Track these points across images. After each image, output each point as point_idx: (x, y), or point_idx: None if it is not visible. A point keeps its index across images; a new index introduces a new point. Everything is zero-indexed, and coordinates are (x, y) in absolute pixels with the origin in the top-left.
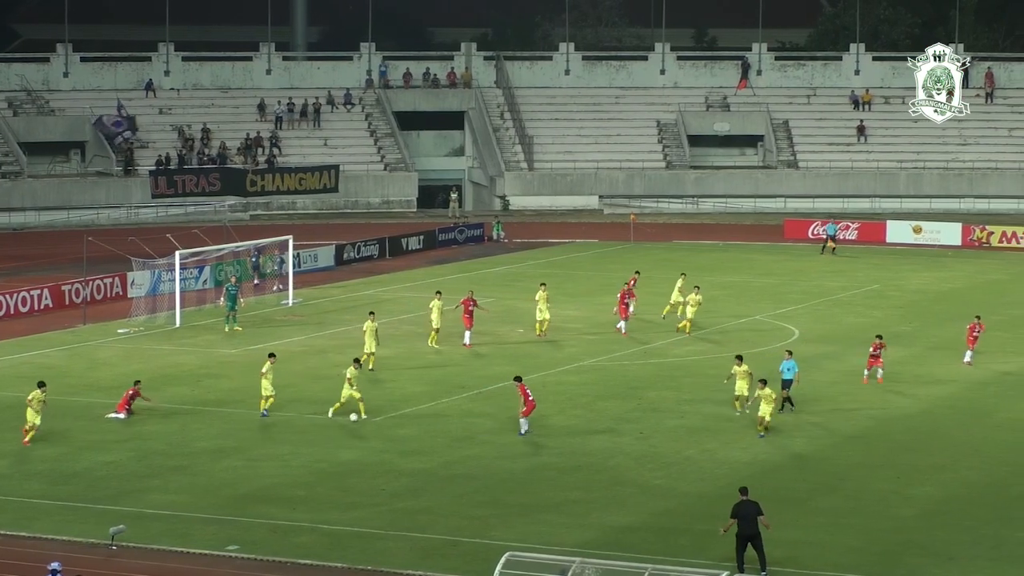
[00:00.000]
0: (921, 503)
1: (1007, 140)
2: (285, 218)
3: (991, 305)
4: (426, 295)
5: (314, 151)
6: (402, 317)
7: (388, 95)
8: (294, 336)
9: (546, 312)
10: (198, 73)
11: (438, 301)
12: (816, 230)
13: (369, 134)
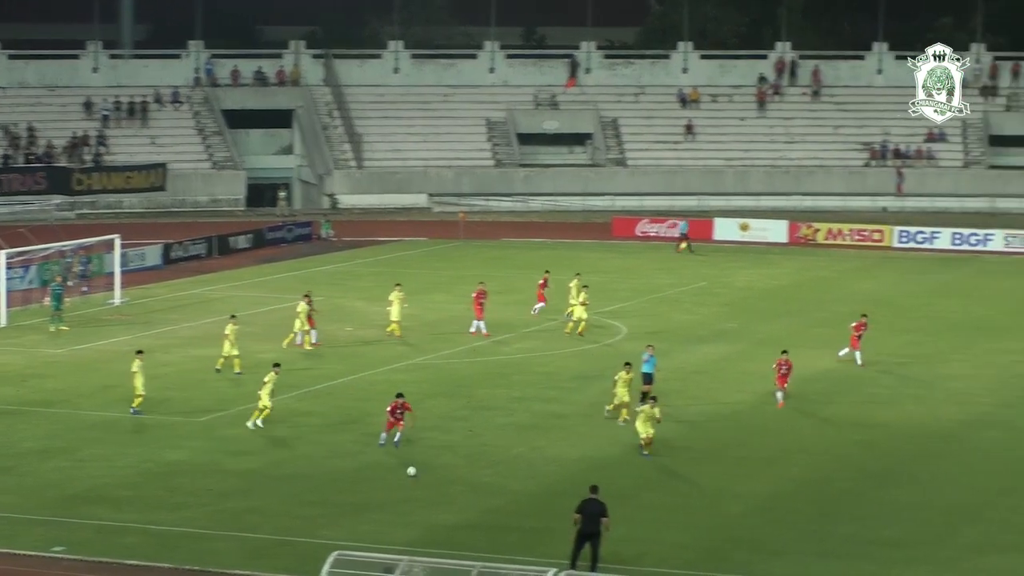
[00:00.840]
0: (748, 499)
1: (833, 137)
2: (112, 217)
3: (817, 302)
4: (254, 294)
5: (141, 150)
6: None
7: (216, 93)
8: (120, 336)
9: (398, 313)
10: (24, 71)
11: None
12: (645, 229)
13: (197, 132)
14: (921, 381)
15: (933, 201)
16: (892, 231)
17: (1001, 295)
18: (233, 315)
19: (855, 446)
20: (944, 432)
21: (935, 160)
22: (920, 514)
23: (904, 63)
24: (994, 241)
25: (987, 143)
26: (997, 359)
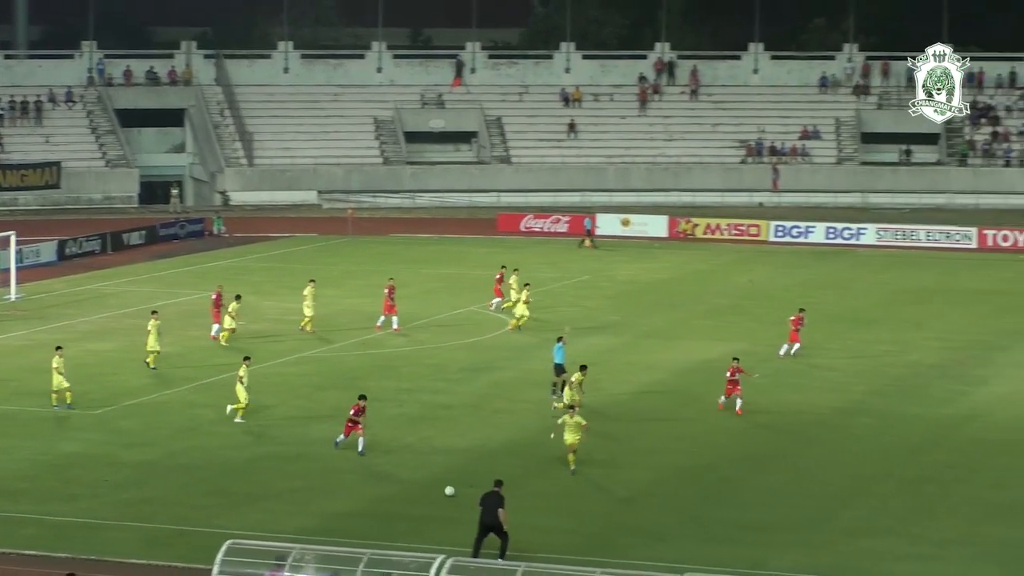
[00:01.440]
0: (632, 486)
1: (711, 135)
2: (7, 214)
3: (697, 295)
4: (148, 289)
5: (36, 148)
6: (124, 311)
7: (109, 93)
8: (16, 331)
9: (311, 308)
10: None
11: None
12: (529, 224)
13: (91, 131)
14: (797, 371)
15: (808, 196)
16: (768, 226)
17: (873, 288)
18: (154, 310)
19: (734, 434)
20: (819, 420)
21: (809, 157)
22: (797, 499)
23: (779, 63)
24: (867, 235)
25: (859, 140)
26: (870, 349)
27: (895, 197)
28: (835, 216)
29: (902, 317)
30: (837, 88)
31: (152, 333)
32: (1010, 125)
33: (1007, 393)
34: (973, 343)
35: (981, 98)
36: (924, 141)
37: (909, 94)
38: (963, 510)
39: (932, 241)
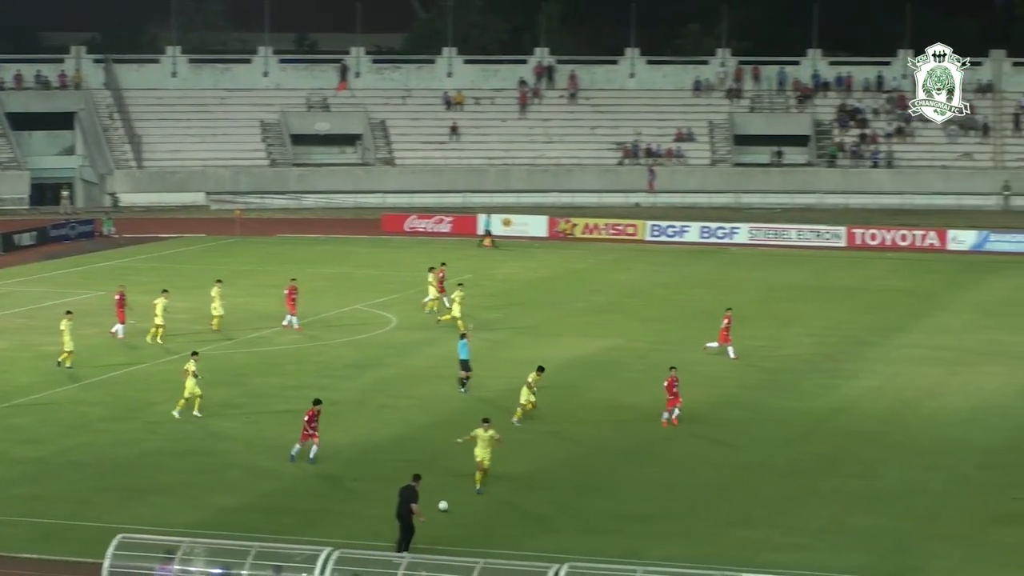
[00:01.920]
0: (512, 478)
1: (589, 137)
2: None
3: (576, 292)
4: (39, 289)
5: None
6: (15, 311)
7: (0, 97)
8: None
9: (219, 308)
10: None
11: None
12: (413, 225)
13: None
14: (672, 365)
15: (683, 197)
16: (645, 225)
17: (746, 285)
18: (68, 311)
19: (610, 427)
20: (693, 413)
21: (684, 158)
22: (673, 491)
23: (655, 67)
24: (739, 234)
25: (732, 142)
26: (742, 344)
27: (767, 197)
28: (709, 216)
29: (774, 314)
30: (710, 92)
31: (66, 333)
32: (877, 127)
33: (875, 386)
34: (843, 338)
35: (849, 101)
36: (795, 143)
37: (780, 97)
38: (834, 500)
39: (803, 240)
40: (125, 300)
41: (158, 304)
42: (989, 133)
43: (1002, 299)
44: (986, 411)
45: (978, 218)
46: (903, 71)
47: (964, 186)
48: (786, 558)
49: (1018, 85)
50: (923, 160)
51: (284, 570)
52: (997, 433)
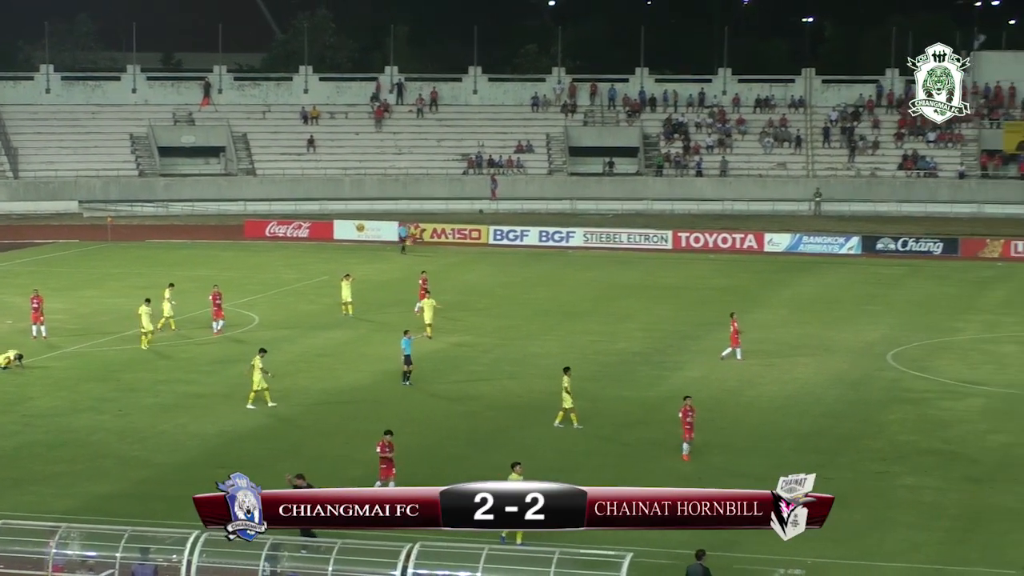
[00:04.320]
0: (368, 464)
1: (436, 149)
2: None
3: None
4: None
5: None
6: None
7: None
8: None
9: (169, 310)
10: None
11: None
12: (273, 230)
13: None
14: (515, 359)
15: (523, 204)
16: (488, 230)
17: (582, 284)
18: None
19: (461, 417)
20: (536, 403)
21: (524, 168)
22: None
23: (496, 84)
24: (575, 238)
25: (568, 153)
26: (579, 339)
27: (600, 204)
28: (547, 221)
29: (608, 310)
30: (548, 107)
31: None
32: (699, 140)
33: (700, 377)
34: (671, 333)
35: (674, 116)
36: (625, 154)
37: (611, 112)
38: (665, 481)
39: (633, 243)
40: (38, 303)
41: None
42: (801, 145)
43: (814, 296)
44: (799, 399)
45: (792, 222)
46: (723, 88)
47: (779, 193)
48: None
49: (827, 101)
50: (742, 169)
51: (148, 551)
52: (810, 419)
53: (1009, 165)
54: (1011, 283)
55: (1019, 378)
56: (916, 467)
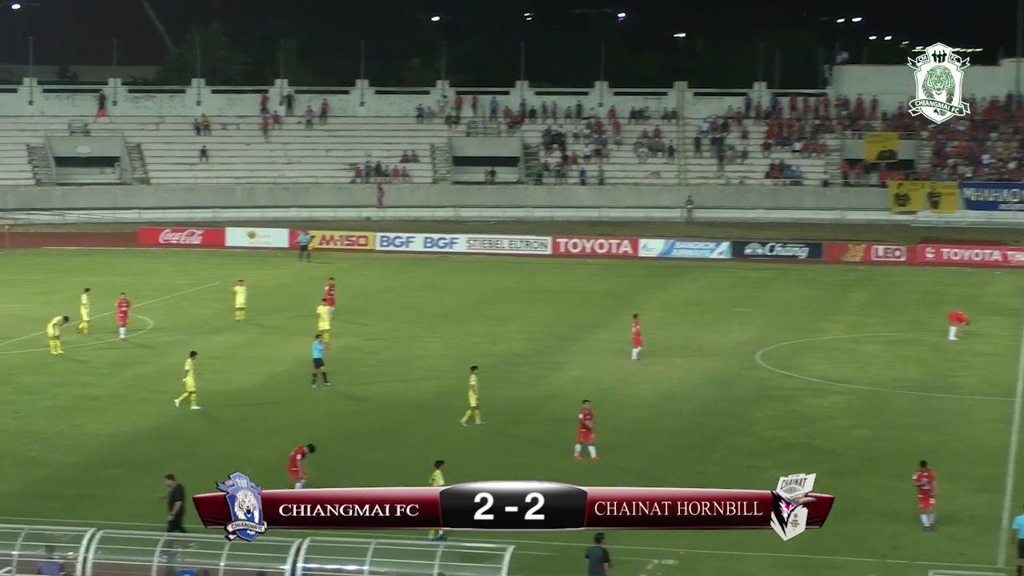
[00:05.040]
0: (259, 463)
1: (324, 159)
2: None
3: (314, 296)
4: None
5: None
6: None
7: None
8: None
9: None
10: None
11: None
12: (167, 238)
13: None
14: (401, 361)
15: (408, 211)
16: (375, 236)
17: (465, 288)
18: None
19: (348, 417)
20: (421, 402)
21: (409, 177)
22: (402, 471)
23: (382, 96)
24: (459, 244)
25: (451, 163)
26: (463, 341)
27: (482, 211)
28: (432, 228)
29: (490, 313)
30: (432, 118)
31: None
32: (577, 150)
33: (578, 376)
34: (550, 334)
35: (553, 127)
36: (506, 163)
37: (493, 123)
38: (548, 477)
39: (514, 248)
40: None
41: None
42: (674, 155)
43: (686, 299)
44: (672, 397)
45: (665, 229)
46: (599, 100)
47: (653, 201)
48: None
49: (698, 112)
50: (617, 178)
51: (53, 549)
52: (682, 416)
53: (870, 174)
54: (872, 286)
55: (880, 376)
56: (783, 461)
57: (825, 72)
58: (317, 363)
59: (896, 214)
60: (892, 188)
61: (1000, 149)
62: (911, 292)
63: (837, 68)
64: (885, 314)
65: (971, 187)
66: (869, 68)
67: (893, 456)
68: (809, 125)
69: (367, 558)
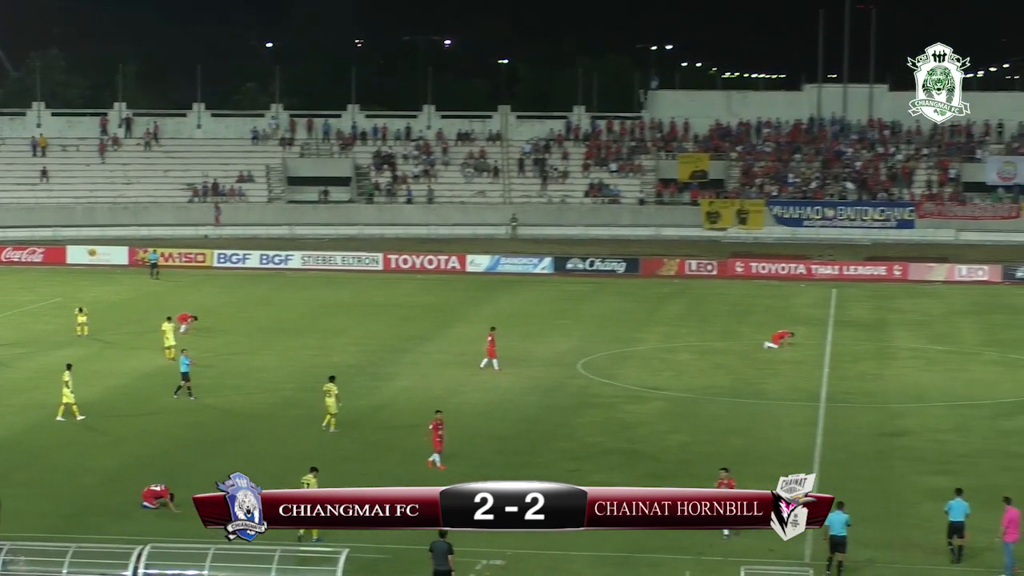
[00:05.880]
0: (100, 472)
1: (163, 179)
2: None
3: (154, 311)
4: None
5: None
6: None
7: None
8: None
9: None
10: None
11: None
12: (9, 256)
13: None
14: (238, 373)
15: (244, 229)
16: (212, 253)
17: (300, 303)
18: None
19: (188, 427)
20: (258, 412)
21: (245, 197)
22: None
23: (218, 119)
24: (293, 260)
25: (286, 183)
26: (298, 354)
27: (316, 229)
28: (267, 245)
29: (324, 327)
30: (267, 140)
31: None
32: (407, 170)
33: (409, 386)
34: (382, 346)
35: (384, 148)
36: (339, 183)
37: (326, 145)
38: (380, 482)
39: (347, 264)
40: None
41: None
42: (498, 175)
43: (512, 312)
44: (499, 405)
45: (491, 245)
46: (427, 123)
47: (479, 218)
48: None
49: (521, 135)
50: (445, 197)
51: None
52: (509, 423)
53: (683, 192)
54: (686, 298)
55: (694, 383)
56: (604, 465)
57: (640, 97)
58: (184, 376)
59: (707, 230)
60: (704, 206)
61: (803, 169)
62: (722, 304)
63: (651, 93)
64: (698, 325)
65: (777, 205)
66: (681, 93)
67: (708, 459)
68: (626, 147)
69: (207, 563)
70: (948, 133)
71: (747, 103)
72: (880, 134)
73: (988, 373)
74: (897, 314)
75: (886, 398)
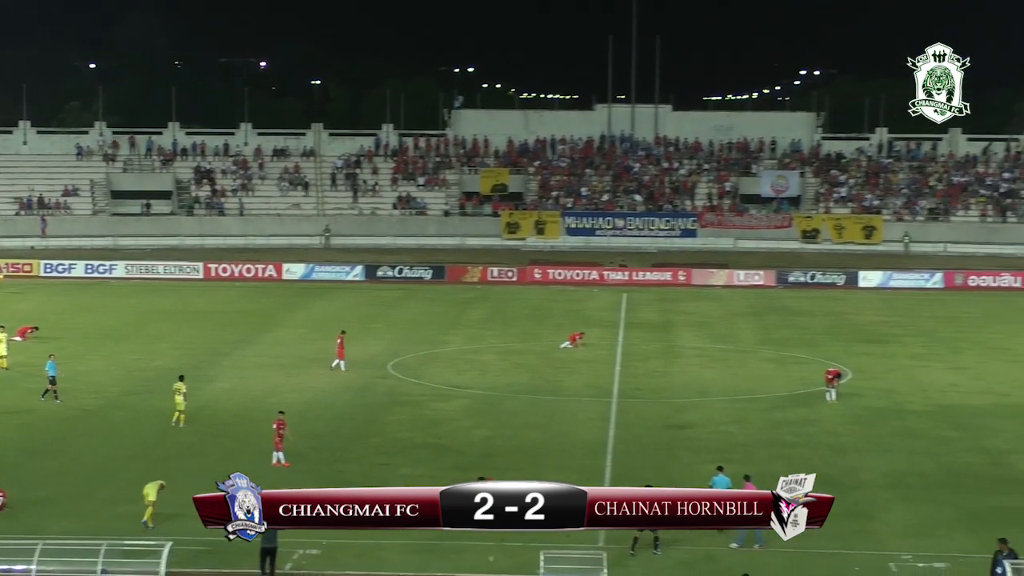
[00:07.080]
0: None
1: None
2: None
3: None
4: None
5: None
6: None
7: None
8: None
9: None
10: None
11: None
12: None
13: None
14: (65, 377)
15: (70, 240)
16: (39, 264)
17: (124, 310)
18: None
19: (16, 428)
20: (84, 414)
21: (71, 210)
22: (67, 478)
23: (44, 136)
24: (117, 270)
25: (110, 196)
26: (123, 358)
27: (140, 240)
28: (92, 255)
29: (148, 332)
30: (91, 156)
31: None
32: (225, 184)
33: (229, 388)
34: (203, 350)
35: (203, 164)
36: (161, 197)
37: (148, 160)
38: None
39: (168, 273)
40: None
41: None
42: (312, 189)
43: (325, 317)
44: (315, 404)
45: (305, 254)
46: (244, 140)
47: (294, 229)
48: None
49: (333, 151)
50: (262, 209)
51: None
52: (324, 421)
53: (485, 205)
54: (489, 303)
55: (497, 381)
56: (412, 459)
57: (444, 115)
58: (51, 380)
59: (508, 240)
60: (504, 217)
61: (595, 183)
62: (522, 308)
63: (455, 112)
64: (500, 327)
65: (571, 216)
66: (482, 112)
67: (509, 452)
68: (431, 162)
69: (35, 558)
70: (726, 149)
71: (543, 122)
72: (665, 150)
73: (764, 369)
74: (682, 316)
75: (672, 393)
